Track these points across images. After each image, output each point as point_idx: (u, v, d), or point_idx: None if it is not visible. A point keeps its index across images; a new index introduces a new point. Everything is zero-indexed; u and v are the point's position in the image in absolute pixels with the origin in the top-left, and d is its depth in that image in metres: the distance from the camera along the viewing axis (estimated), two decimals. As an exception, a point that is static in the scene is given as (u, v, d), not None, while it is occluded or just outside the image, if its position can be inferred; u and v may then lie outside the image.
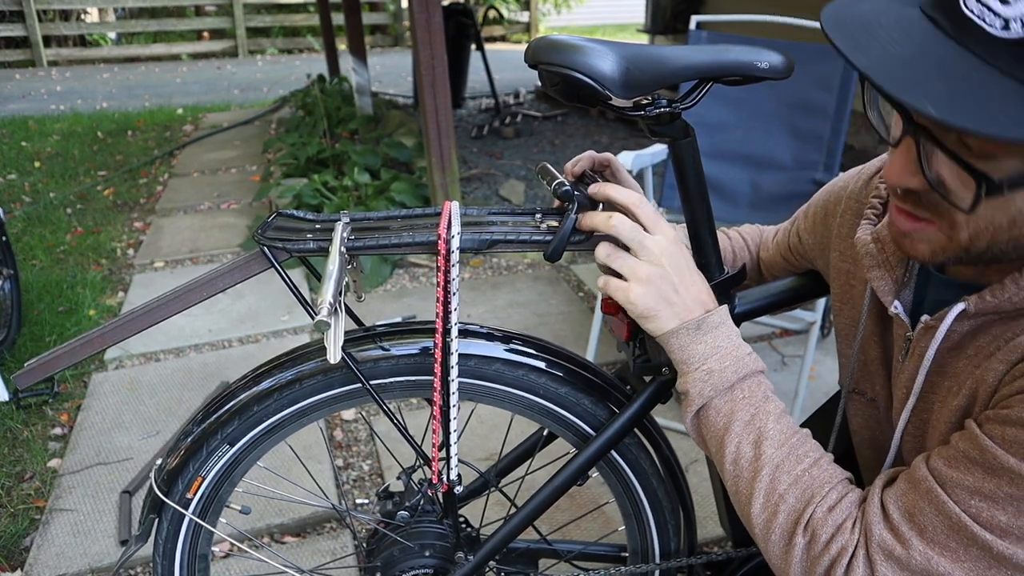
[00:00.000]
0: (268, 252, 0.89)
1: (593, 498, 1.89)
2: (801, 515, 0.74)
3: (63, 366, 0.90)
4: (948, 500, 0.65)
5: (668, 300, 0.82)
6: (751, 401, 0.81)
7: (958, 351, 0.73)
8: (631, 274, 0.82)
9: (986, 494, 0.63)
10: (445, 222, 0.88)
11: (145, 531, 1.02)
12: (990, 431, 0.63)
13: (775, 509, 0.76)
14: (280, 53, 10.44)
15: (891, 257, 0.82)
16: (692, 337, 0.82)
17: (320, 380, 0.96)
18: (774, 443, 0.78)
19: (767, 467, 0.77)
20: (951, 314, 0.71)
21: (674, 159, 0.92)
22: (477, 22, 6.13)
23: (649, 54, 0.84)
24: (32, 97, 7.39)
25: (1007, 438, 0.62)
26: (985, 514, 0.63)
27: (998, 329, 0.69)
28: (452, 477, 0.99)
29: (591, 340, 2.41)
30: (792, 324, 2.61)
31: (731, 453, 0.80)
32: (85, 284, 3.15)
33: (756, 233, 1.18)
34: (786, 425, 0.80)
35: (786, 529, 0.75)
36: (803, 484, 0.76)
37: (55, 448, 2.16)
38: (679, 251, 0.83)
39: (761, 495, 0.77)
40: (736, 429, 0.80)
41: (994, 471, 0.62)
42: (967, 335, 0.73)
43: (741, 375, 0.81)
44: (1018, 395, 0.62)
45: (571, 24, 12.61)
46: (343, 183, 3.67)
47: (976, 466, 0.64)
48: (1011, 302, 0.67)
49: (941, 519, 0.65)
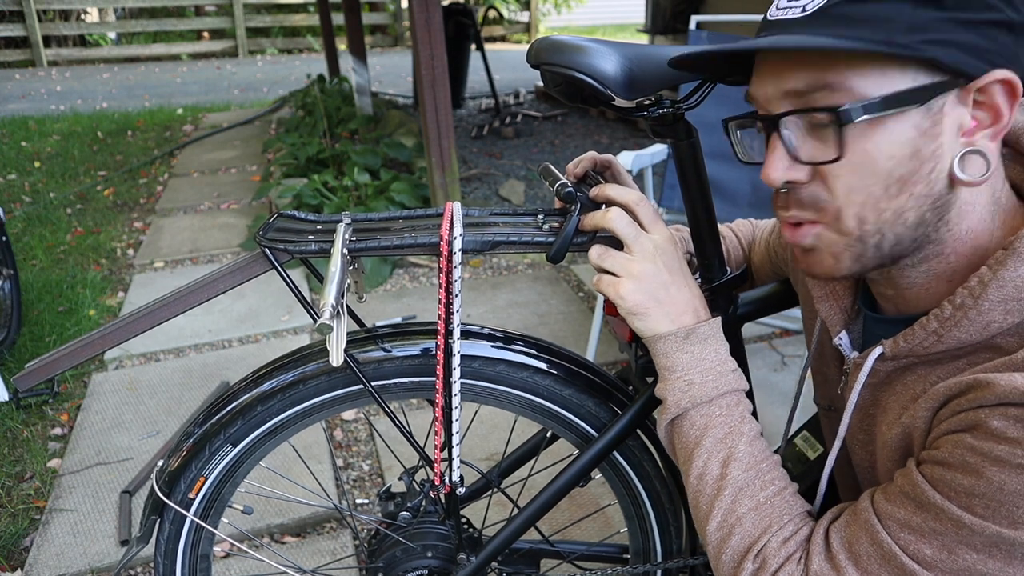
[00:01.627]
0: (270, 254, 0.88)
1: (593, 499, 1.89)
2: (755, 542, 0.75)
3: (64, 368, 0.90)
4: (882, 531, 0.67)
5: (658, 299, 0.81)
6: (727, 419, 0.81)
7: (888, 386, 0.75)
8: (622, 270, 0.81)
9: (914, 527, 0.65)
10: (447, 223, 0.87)
11: (146, 533, 1.02)
12: (923, 470, 0.66)
13: (730, 531, 0.77)
14: (280, 53, 10.44)
15: (839, 287, 0.83)
16: (679, 345, 0.82)
17: (323, 381, 0.96)
18: (742, 465, 0.79)
19: (730, 488, 0.78)
20: (872, 356, 0.74)
21: (677, 159, 0.91)
22: (477, 22, 6.12)
23: (652, 54, 0.83)
24: (32, 97, 7.39)
25: (935, 477, 0.64)
26: (912, 546, 0.65)
27: (922, 370, 0.71)
28: (454, 479, 0.99)
29: (591, 340, 2.41)
30: (792, 324, 2.61)
31: (698, 468, 0.80)
32: (85, 284, 3.15)
33: (749, 230, 1.17)
34: (757, 449, 0.80)
35: (737, 552, 0.76)
36: (763, 512, 0.77)
37: (55, 448, 2.16)
38: (674, 252, 0.83)
39: (719, 514, 0.78)
40: (707, 445, 0.80)
41: (922, 506, 0.65)
42: (894, 372, 0.74)
43: (721, 391, 0.81)
44: (944, 436, 0.64)
45: (571, 24, 12.61)
46: (343, 183, 3.67)
47: (908, 500, 0.66)
48: (922, 347, 0.69)
49: (875, 548, 0.67)
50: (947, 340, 0.67)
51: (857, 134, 0.64)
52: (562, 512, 1.83)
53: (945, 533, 0.63)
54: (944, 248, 0.69)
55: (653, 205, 0.87)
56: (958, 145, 0.64)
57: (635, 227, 0.82)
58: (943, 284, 0.70)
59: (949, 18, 0.60)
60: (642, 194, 0.87)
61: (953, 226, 0.68)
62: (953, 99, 0.63)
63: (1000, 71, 0.61)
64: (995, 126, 0.64)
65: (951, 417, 0.64)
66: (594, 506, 1.86)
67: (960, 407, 0.63)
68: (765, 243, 1.10)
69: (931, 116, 0.63)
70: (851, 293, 0.83)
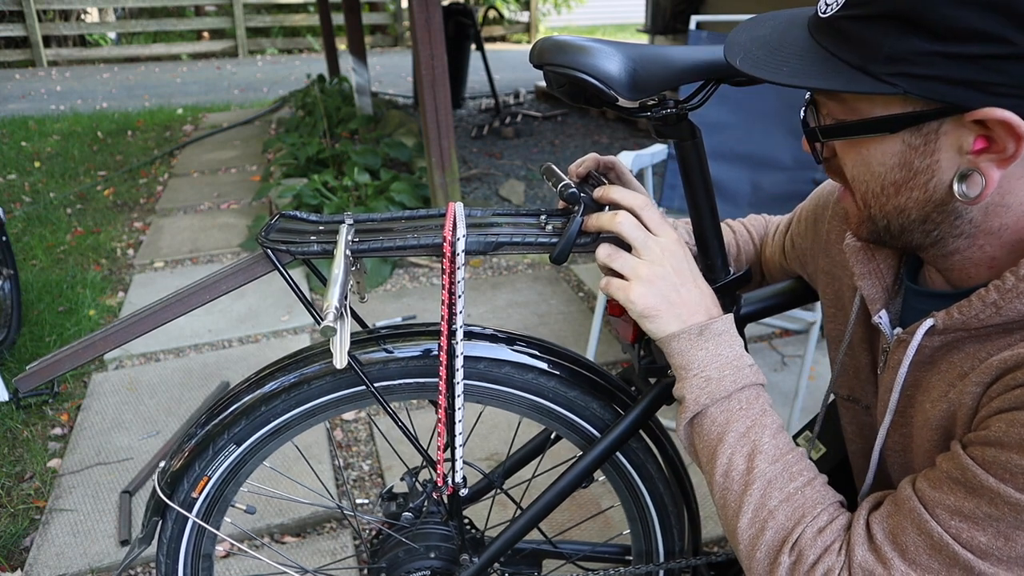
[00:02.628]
0: (272, 255, 0.88)
1: (594, 499, 1.89)
2: (790, 534, 0.73)
3: (65, 369, 0.90)
4: (930, 520, 0.65)
5: (669, 300, 0.81)
6: (748, 413, 0.79)
7: (932, 366, 0.73)
8: (632, 273, 0.81)
9: (966, 514, 0.63)
10: (450, 224, 0.87)
11: (148, 534, 1.02)
12: (972, 452, 0.63)
13: (763, 525, 0.74)
14: (280, 53, 10.44)
15: (881, 264, 0.81)
16: (693, 342, 0.81)
17: (327, 382, 0.96)
18: (768, 458, 0.77)
19: (759, 481, 0.76)
20: (921, 330, 0.71)
21: (680, 160, 0.91)
22: (477, 22, 6.12)
23: (655, 55, 0.83)
24: (32, 97, 7.39)
25: (987, 458, 0.62)
26: (965, 534, 0.63)
27: (971, 347, 0.69)
28: (457, 480, 0.99)
29: (591, 340, 2.41)
30: (792, 324, 2.60)
31: (723, 464, 0.78)
32: (85, 284, 3.15)
33: (761, 225, 1.15)
34: (782, 441, 0.79)
35: (773, 547, 0.74)
36: (795, 503, 0.74)
37: (55, 448, 2.16)
38: (683, 253, 0.83)
39: (750, 510, 0.75)
40: (730, 440, 0.79)
41: (974, 491, 0.62)
42: (939, 350, 0.72)
43: (740, 385, 0.80)
44: (996, 415, 0.62)
45: (571, 24, 12.61)
46: (343, 183, 3.67)
47: (958, 486, 0.63)
48: (978, 319, 0.66)
49: (923, 539, 0.65)
50: (1006, 312, 0.64)
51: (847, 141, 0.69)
52: (564, 513, 1.83)
53: (1002, 518, 0.61)
54: (975, 241, 0.68)
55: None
56: (961, 162, 0.63)
57: (643, 231, 0.82)
58: (983, 269, 0.69)
59: (938, 51, 0.58)
60: (648, 197, 0.86)
61: (980, 224, 0.66)
62: (951, 122, 0.61)
63: (996, 111, 0.58)
64: (999, 154, 0.61)
65: (1004, 393, 0.62)
66: (596, 507, 1.86)
67: (1016, 381, 0.61)
68: (779, 238, 1.08)
69: (922, 135, 0.63)
70: (893, 271, 0.81)
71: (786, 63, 0.68)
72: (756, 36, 0.73)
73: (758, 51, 0.71)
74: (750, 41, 0.73)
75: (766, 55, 0.70)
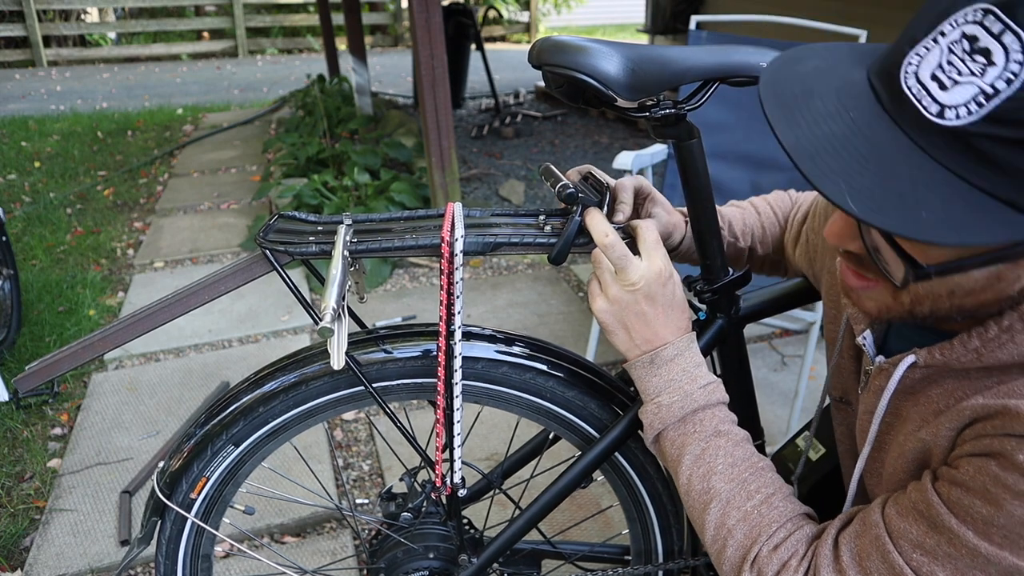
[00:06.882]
0: (270, 255, 0.88)
1: (594, 499, 1.89)
2: (748, 552, 0.76)
3: (65, 369, 0.90)
4: (893, 550, 0.66)
5: (625, 326, 0.84)
6: (700, 436, 0.83)
7: (911, 395, 0.74)
8: (604, 288, 0.85)
9: (927, 549, 0.64)
10: (448, 224, 0.87)
11: (147, 534, 1.02)
12: (939, 488, 0.65)
13: (724, 543, 0.78)
14: (280, 53, 10.43)
15: None
16: (646, 371, 0.85)
17: (326, 382, 0.96)
18: (723, 478, 0.81)
19: (715, 501, 0.80)
20: (902, 365, 0.72)
21: (679, 160, 0.91)
22: (477, 22, 6.12)
23: (655, 55, 0.83)
24: (32, 97, 7.38)
25: (952, 499, 0.63)
26: (926, 568, 0.64)
27: (950, 383, 0.69)
28: (456, 480, 0.99)
29: (591, 340, 2.40)
30: (792, 324, 2.60)
31: (683, 484, 0.84)
32: (85, 284, 3.14)
33: (787, 204, 1.10)
34: (739, 458, 0.82)
35: (734, 563, 0.77)
36: (751, 521, 0.78)
37: (55, 448, 2.16)
38: (659, 285, 0.83)
39: (711, 528, 0.80)
40: (687, 463, 0.83)
41: (936, 528, 0.64)
42: (920, 381, 0.73)
43: (689, 410, 0.83)
44: (967, 457, 0.63)
45: (571, 24, 12.60)
46: (343, 183, 3.67)
47: (922, 519, 0.65)
48: (959, 362, 0.67)
49: (886, 567, 0.67)
50: (987, 359, 0.65)
51: None
52: (563, 513, 1.83)
53: (959, 558, 0.63)
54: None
55: None
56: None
57: (626, 255, 0.83)
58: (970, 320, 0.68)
59: None
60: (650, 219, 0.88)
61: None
62: None
63: None
64: None
65: (975, 439, 0.63)
66: (595, 507, 1.86)
67: (986, 431, 0.62)
68: (796, 227, 1.05)
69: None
70: None
71: (912, 201, 0.53)
72: (821, 132, 0.57)
73: (842, 162, 0.55)
74: (816, 139, 0.57)
75: (867, 179, 0.54)
